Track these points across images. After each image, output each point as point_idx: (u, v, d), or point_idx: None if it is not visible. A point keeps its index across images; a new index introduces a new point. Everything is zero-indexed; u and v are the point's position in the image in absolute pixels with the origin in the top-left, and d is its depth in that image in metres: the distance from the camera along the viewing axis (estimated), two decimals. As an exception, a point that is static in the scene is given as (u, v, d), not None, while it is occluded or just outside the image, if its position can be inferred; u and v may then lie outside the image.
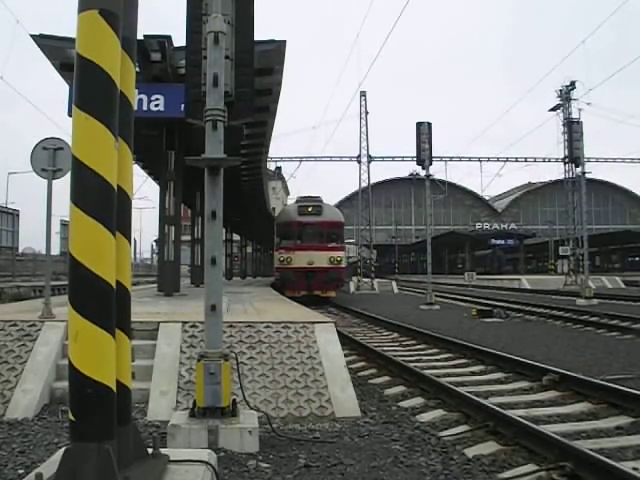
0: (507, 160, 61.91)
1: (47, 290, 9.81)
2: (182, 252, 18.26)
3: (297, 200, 32.37)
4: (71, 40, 11.37)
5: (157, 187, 21.08)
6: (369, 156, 52.83)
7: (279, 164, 61.68)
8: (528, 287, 43.32)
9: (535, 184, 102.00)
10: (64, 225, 34.29)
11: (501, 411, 6.82)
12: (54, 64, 14.48)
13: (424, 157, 28.36)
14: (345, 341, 11.96)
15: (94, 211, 3.34)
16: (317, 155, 63.33)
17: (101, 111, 3.39)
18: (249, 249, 59.72)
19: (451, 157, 61.42)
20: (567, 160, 43.00)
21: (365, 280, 45.30)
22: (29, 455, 5.57)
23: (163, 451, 4.16)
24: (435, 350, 12.97)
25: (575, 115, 40.88)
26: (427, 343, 13.88)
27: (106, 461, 3.24)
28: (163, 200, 16.91)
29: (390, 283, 46.89)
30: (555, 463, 5.30)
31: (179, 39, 13.74)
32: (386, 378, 9.86)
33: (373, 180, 56.69)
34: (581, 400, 7.96)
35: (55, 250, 35.86)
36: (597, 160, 61.44)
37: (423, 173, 29.19)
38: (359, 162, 52.78)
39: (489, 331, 16.48)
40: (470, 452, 5.91)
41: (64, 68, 14.15)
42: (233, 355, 6.58)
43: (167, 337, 8.14)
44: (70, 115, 3.53)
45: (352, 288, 42.65)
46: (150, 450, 4.04)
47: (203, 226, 8.17)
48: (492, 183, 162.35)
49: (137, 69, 4.54)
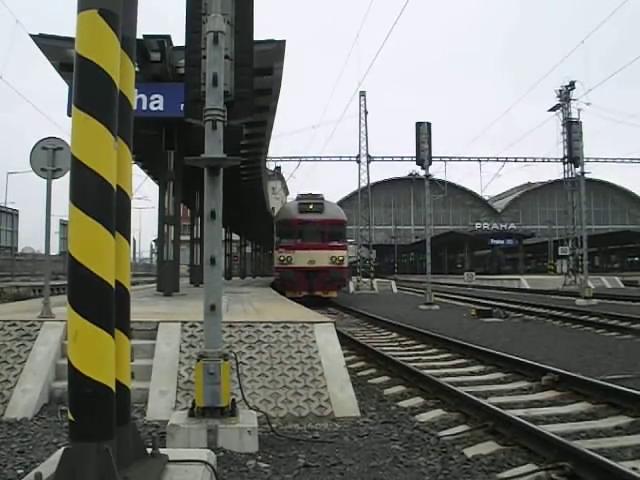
0: (506, 160, 61.98)
1: (46, 290, 9.81)
2: (181, 252, 18.29)
3: (298, 197, 31.18)
4: (71, 40, 11.37)
5: (156, 187, 21.10)
6: (368, 156, 52.90)
7: (278, 164, 61.85)
8: (527, 287, 43.33)
9: (534, 184, 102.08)
10: (63, 225, 34.38)
11: (500, 411, 6.81)
12: (54, 64, 14.49)
13: (423, 157, 28.39)
14: (344, 341, 11.95)
15: (93, 211, 3.34)
16: (316, 155, 63.26)
17: (100, 111, 3.40)
18: (248, 249, 59.73)
19: (450, 157, 61.51)
20: (566, 160, 43.05)
21: (364, 280, 45.30)
22: (28, 455, 5.56)
23: (162, 451, 4.16)
24: (434, 350, 12.96)
25: (574, 115, 40.97)
26: (426, 343, 13.87)
27: (105, 461, 3.24)
28: (162, 200, 16.92)
29: (389, 283, 46.87)
30: (554, 463, 5.29)
31: (179, 39, 13.75)
32: (385, 378, 9.85)
33: (372, 180, 56.79)
34: (580, 400, 7.96)
35: (54, 250, 35.99)
36: (596, 160, 61.53)
37: (422, 173, 29.19)
38: (358, 162, 52.86)
39: (488, 331, 16.48)
40: (469, 452, 5.90)
41: (64, 68, 14.15)
42: (232, 355, 6.58)
43: (166, 337, 8.14)
44: (70, 115, 3.53)
45: (351, 288, 42.59)
46: (149, 450, 4.04)
47: (202, 226, 8.17)
48: (492, 183, 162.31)
49: (136, 69, 4.54)
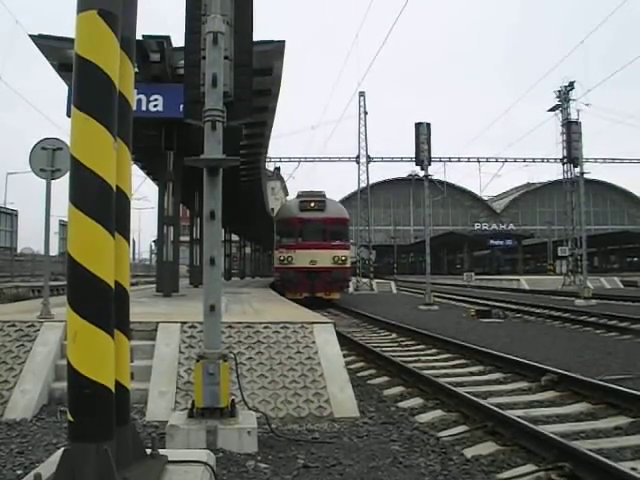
0: (506, 161, 62.11)
1: (46, 290, 9.81)
2: (181, 252, 18.30)
3: (298, 195, 29.83)
4: (70, 40, 11.39)
5: (156, 187, 21.08)
6: (368, 156, 52.94)
7: (278, 164, 61.76)
8: (527, 287, 43.33)
9: (534, 184, 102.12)
10: (63, 225, 34.39)
11: (500, 411, 6.81)
12: (53, 64, 14.48)
13: (423, 158, 28.30)
14: (344, 341, 11.94)
15: (93, 211, 3.34)
16: (316, 155, 63.27)
17: (100, 111, 3.40)
18: (248, 249, 59.74)
19: (450, 158, 61.56)
20: (566, 160, 43.02)
21: (364, 280, 45.28)
22: (28, 456, 5.56)
23: (162, 451, 4.16)
24: (434, 350, 12.96)
25: (574, 115, 40.96)
26: (426, 343, 13.87)
27: (105, 462, 3.24)
28: (162, 200, 16.92)
29: (389, 283, 46.85)
30: (554, 463, 5.29)
31: (178, 39, 13.75)
32: (385, 378, 9.85)
33: (372, 180, 56.78)
34: (580, 400, 7.96)
35: (54, 250, 35.97)
36: (596, 160, 61.64)
37: (422, 173, 29.14)
38: (358, 162, 52.88)
39: (488, 331, 16.48)
40: (469, 452, 5.91)
41: (63, 68, 14.13)
42: (232, 355, 6.57)
43: (166, 337, 8.14)
44: (69, 115, 3.53)
45: (351, 288, 42.56)
46: (149, 450, 4.04)
47: (202, 226, 8.17)
48: (491, 184, 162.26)
49: (136, 69, 4.54)
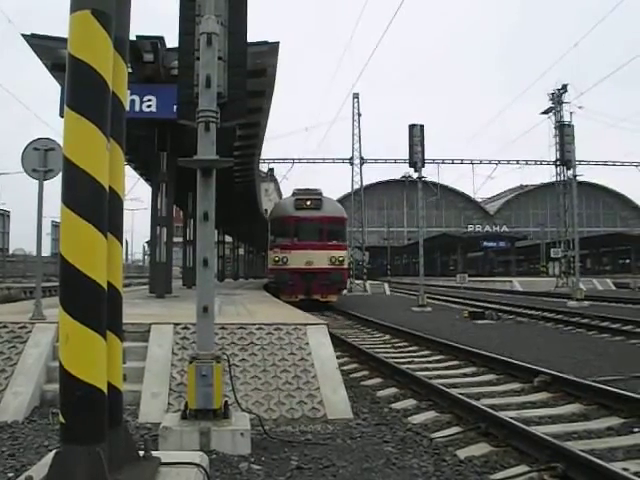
0: (499, 163, 62.08)
1: (38, 291, 9.77)
2: (174, 254, 18.24)
3: (294, 193, 28.21)
4: (63, 40, 11.35)
5: (149, 188, 21.05)
6: (362, 158, 52.89)
7: (272, 166, 61.62)
8: (520, 289, 43.49)
9: (527, 187, 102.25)
10: (55, 226, 34.28)
11: (493, 412, 6.82)
12: (46, 64, 14.45)
13: (416, 159, 28.34)
14: (337, 343, 11.95)
15: (85, 212, 3.33)
16: (310, 157, 63.18)
17: (93, 112, 3.39)
18: (241, 251, 59.65)
19: (444, 159, 61.52)
20: (559, 163, 43.23)
21: (357, 282, 45.29)
22: (19, 458, 5.53)
23: (154, 453, 4.15)
24: (427, 352, 12.97)
25: (567, 118, 41.10)
26: (419, 345, 13.88)
27: (97, 464, 3.23)
28: (155, 201, 16.89)
29: (382, 285, 46.87)
30: (547, 464, 5.31)
31: (172, 40, 13.75)
32: (378, 380, 9.85)
33: (366, 182, 56.80)
34: (572, 401, 7.98)
35: (46, 251, 35.84)
36: (588, 163, 61.62)
37: (415, 175, 29.18)
38: (352, 164, 52.85)
39: (481, 333, 16.51)
40: (462, 453, 5.91)
41: (56, 68, 14.10)
42: (225, 357, 6.56)
43: (159, 339, 8.11)
44: (62, 116, 3.52)
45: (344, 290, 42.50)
46: (141, 452, 4.03)
47: (195, 227, 8.15)
48: (484, 185, 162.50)
49: (129, 69, 4.53)
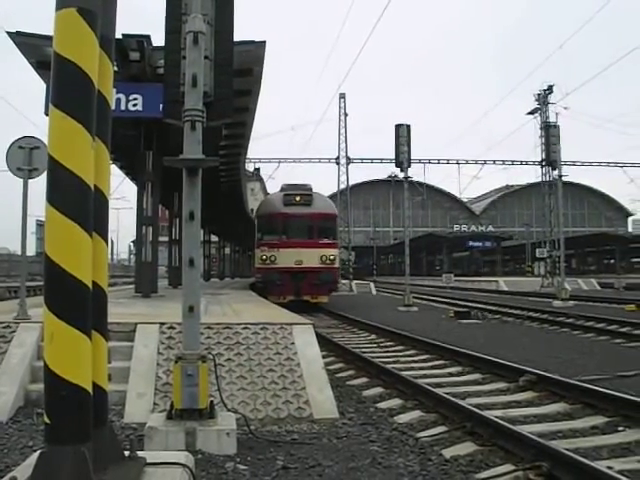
0: (485, 163, 62.32)
1: (22, 291, 9.71)
2: (160, 253, 18.18)
3: (282, 188, 27.09)
4: (49, 38, 11.27)
5: (135, 187, 20.95)
6: (348, 158, 53.02)
7: (258, 165, 61.59)
8: (505, 289, 43.68)
9: (512, 187, 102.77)
10: (40, 225, 34.09)
11: (478, 412, 6.86)
12: (31, 62, 14.34)
13: (402, 159, 28.33)
14: (323, 342, 11.95)
15: (70, 211, 3.31)
16: (296, 156, 63.20)
17: (78, 110, 3.37)
18: (227, 250, 59.55)
19: (430, 159, 61.66)
20: (544, 163, 43.42)
21: (344, 282, 45.30)
22: (3, 459, 5.49)
23: (140, 454, 4.14)
24: (413, 352, 13.00)
25: (552, 119, 41.34)
26: (405, 344, 13.91)
27: (82, 464, 3.21)
28: (141, 201, 16.82)
29: (368, 285, 46.95)
30: (532, 463, 5.33)
31: (159, 39, 13.69)
32: (364, 379, 9.86)
33: (352, 182, 56.93)
34: (557, 400, 8.03)
35: (31, 250, 35.61)
36: (574, 163, 61.96)
37: (402, 175, 29.19)
38: (338, 163, 52.97)
39: (466, 332, 16.57)
40: (448, 453, 5.93)
41: (41, 66, 14.01)
42: (211, 357, 6.55)
43: (144, 338, 8.08)
44: (47, 114, 3.50)
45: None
46: (127, 453, 4.01)
47: (181, 227, 8.13)
48: (470, 186, 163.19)
49: (115, 68, 4.51)
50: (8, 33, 13.75)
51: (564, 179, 33.37)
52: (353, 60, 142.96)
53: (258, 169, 64.44)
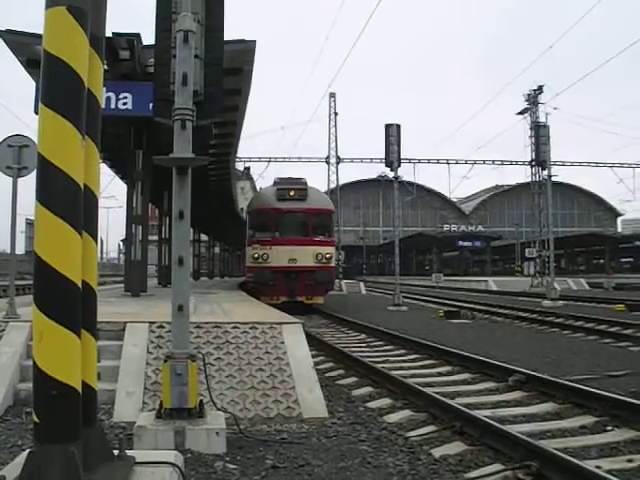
0: (475, 163, 62.46)
1: (11, 290, 9.68)
2: (149, 252, 18.14)
3: (275, 182, 25.45)
4: (38, 36, 11.23)
5: (125, 186, 20.88)
6: (338, 157, 53.10)
7: (248, 164, 61.52)
8: (495, 288, 43.80)
9: (502, 187, 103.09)
10: (29, 224, 33.94)
11: (468, 411, 6.86)
12: (21, 60, 14.29)
13: (392, 159, 28.41)
14: (313, 342, 11.95)
15: (60, 210, 3.30)
16: (286, 156, 63.22)
17: (68, 109, 3.36)
18: (217, 249, 59.47)
19: (420, 159, 61.74)
20: (534, 163, 43.63)
21: (334, 281, 45.23)
22: (-8, 458, 5.47)
23: (129, 453, 4.13)
24: (402, 351, 13.01)
25: (542, 119, 41.50)
26: (394, 344, 13.92)
27: (71, 463, 3.21)
28: (130, 199, 16.78)
29: (358, 284, 46.89)
30: (521, 462, 5.35)
31: (149, 37, 13.66)
32: (354, 379, 9.86)
33: (342, 181, 56.96)
34: (546, 400, 8.05)
35: (20, 249, 35.48)
36: (563, 163, 62.19)
37: (392, 175, 29.21)
38: (328, 163, 53.04)
39: (456, 332, 16.59)
40: (437, 452, 5.94)
41: (31, 65, 13.93)
42: (200, 356, 6.54)
43: (134, 337, 8.07)
44: (36, 112, 3.49)
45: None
46: (116, 452, 4.00)
47: (171, 226, 8.13)
48: (460, 185, 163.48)
49: (105, 67, 4.50)
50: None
51: (554, 179, 33.50)
52: (343, 60, 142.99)
53: (248, 168, 64.38)
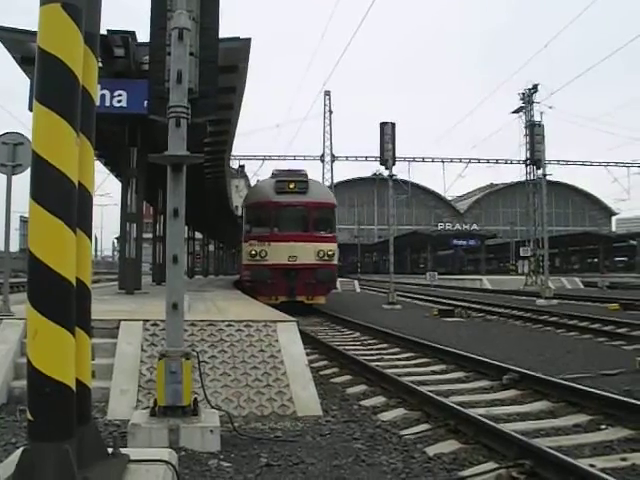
0: (470, 161, 62.62)
1: (5, 287, 9.66)
2: (144, 250, 18.11)
3: (273, 174, 23.83)
4: (33, 33, 11.19)
5: (119, 184, 20.83)
6: (333, 155, 53.16)
7: (242, 162, 61.54)
8: (489, 287, 43.89)
9: (497, 185, 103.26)
10: (24, 221, 33.88)
11: (462, 410, 6.88)
12: (15, 57, 14.25)
13: (387, 157, 28.33)
14: (307, 340, 11.95)
15: (54, 208, 3.29)
16: (281, 154, 63.21)
17: (62, 106, 3.34)
18: (211, 247, 59.45)
19: (415, 157, 61.87)
20: (528, 162, 43.65)
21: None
22: (-15, 456, 5.46)
23: (123, 451, 4.12)
24: (397, 349, 13.03)
25: (537, 118, 41.53)
26: (389, 342, 13.94)
27: (65, 461, 3.19)
28: (125, 197, 16.75)
29: (352, 282, 46.97)
30: (514, 461, 5.36)
31: (144, 35, 13.63)
32: (348, 377, 9.87)
33: (336, 179, 56.99)
34: (540, 399, 8.07)
35: (14, 247, 35.39)
36: (558, 162, 62.46)
37: (386, 173, 29.20)
38: (322, 161, 53.06)
39: (450, 331, 16.61)
40: (431, 450, 5.95)
41: (25, 62, 13.92)
42: (194, 354, 6.53)
43: (128, 335, 8.06)
44: (31, 110, 3.48)
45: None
46: (110, 450, 3.99)
47: (165, 224, 8.11)
48: (455, 184, 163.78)
49: (100, 64, 4.49)
50: (-8, 27, 13.64)
51: (548, 178, 33.59)
52: (338, 58, 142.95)
53: (243, 166, 64.46)
